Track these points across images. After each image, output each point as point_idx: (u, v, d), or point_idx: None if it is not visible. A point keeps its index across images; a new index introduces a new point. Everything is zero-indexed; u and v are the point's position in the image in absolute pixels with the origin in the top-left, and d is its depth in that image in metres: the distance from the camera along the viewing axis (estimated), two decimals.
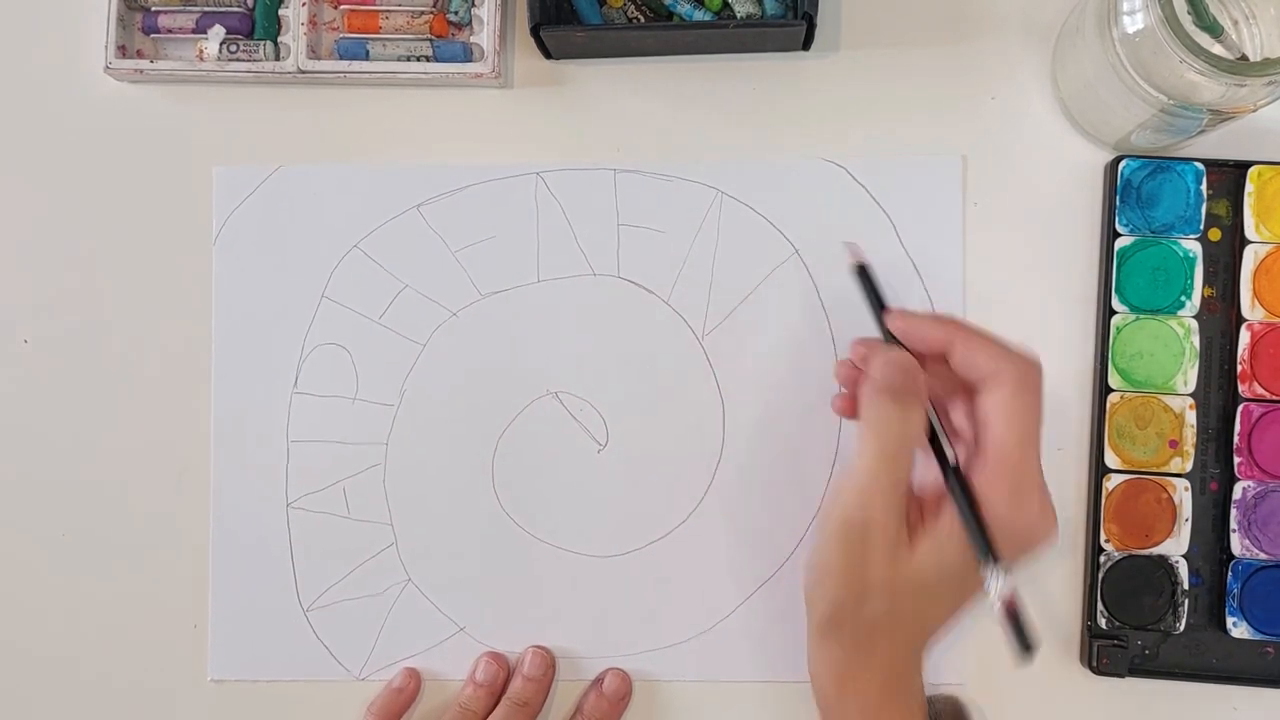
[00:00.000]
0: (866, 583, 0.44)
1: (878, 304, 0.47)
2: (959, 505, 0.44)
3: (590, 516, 0.54)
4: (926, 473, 0.45)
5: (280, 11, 0.56)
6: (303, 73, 0.55)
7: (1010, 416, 0.43)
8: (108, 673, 0.56)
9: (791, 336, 0.54)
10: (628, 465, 0.54)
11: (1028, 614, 0.42)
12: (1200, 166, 0.52)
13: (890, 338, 0.46)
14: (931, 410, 0.46)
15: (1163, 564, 0.52)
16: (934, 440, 0.45)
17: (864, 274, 0.48)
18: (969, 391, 0.45)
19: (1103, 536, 0.52)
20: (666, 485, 0.54)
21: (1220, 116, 0.47)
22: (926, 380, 0.45)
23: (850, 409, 0.47)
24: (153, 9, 0.56)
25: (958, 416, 0.47)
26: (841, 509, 0.44)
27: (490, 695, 0.53)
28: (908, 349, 0.46)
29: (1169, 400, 0.52)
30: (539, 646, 0.54)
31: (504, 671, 0.54)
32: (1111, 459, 0.52)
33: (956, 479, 0.44)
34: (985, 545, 0.43)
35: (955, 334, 0.45)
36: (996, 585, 0.42)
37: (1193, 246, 0.53)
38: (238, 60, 0.55)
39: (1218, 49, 0.45)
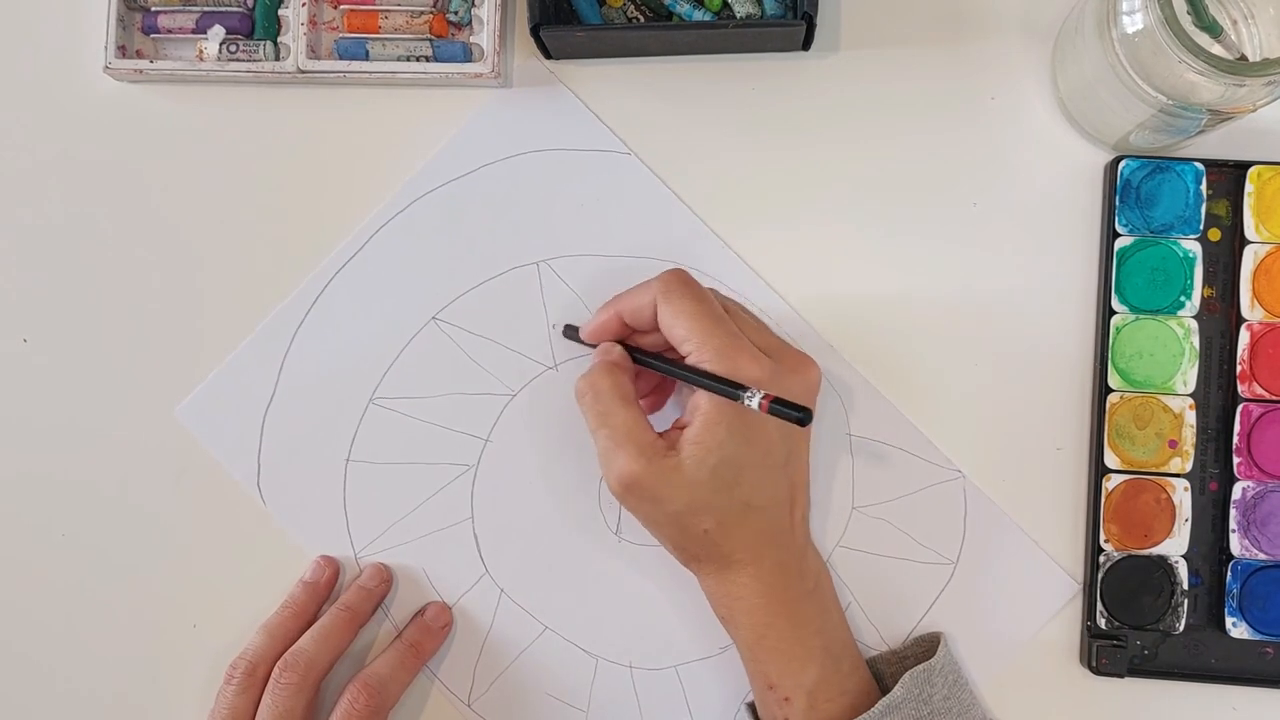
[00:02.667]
0: (672, 514, 0.47)
1: (574, 333, 0.53)
2: (684, 375, 0.47)
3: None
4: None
5: (280, 11, 0.56)
6: (302, 73, 0.55)
7: (675, 315, 0.47)
8: (107, 673, 0.56)
9: None
10: None
11: (784, 399, 0.45)
12: (1200, 166, 0.52)
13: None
14: (628, 345, 0.50)
15: (1162, 564, 0.52)
16: (644, 361, 0.50)
17: (571, 333, 0.53)
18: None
19: (1102, 536, 0.52)
20: None
21: (1220, 116, 0.47)
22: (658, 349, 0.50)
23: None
24: (153, 9, 0.56)
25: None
26: (606, 480, 0.48)
27: (314, 594, 0.54)
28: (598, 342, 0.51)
29: (1169, 400, 0.52)
30: (382, 564, 0.55)
31: (334, 574, 0.54)
32: (1111, 459, 0.52)
33: (668, 363, 0.48)
34: (723, 385, 0.46)
35: (615, 303, 0.50)
36: (752, 399, 0.45)
37: (1192, 246, 0.53)
38: (238, 60, 0.55)
39: (1217, 49, 0.45)
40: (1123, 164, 0.53)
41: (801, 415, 0.44)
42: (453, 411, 0.55)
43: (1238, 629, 0.52)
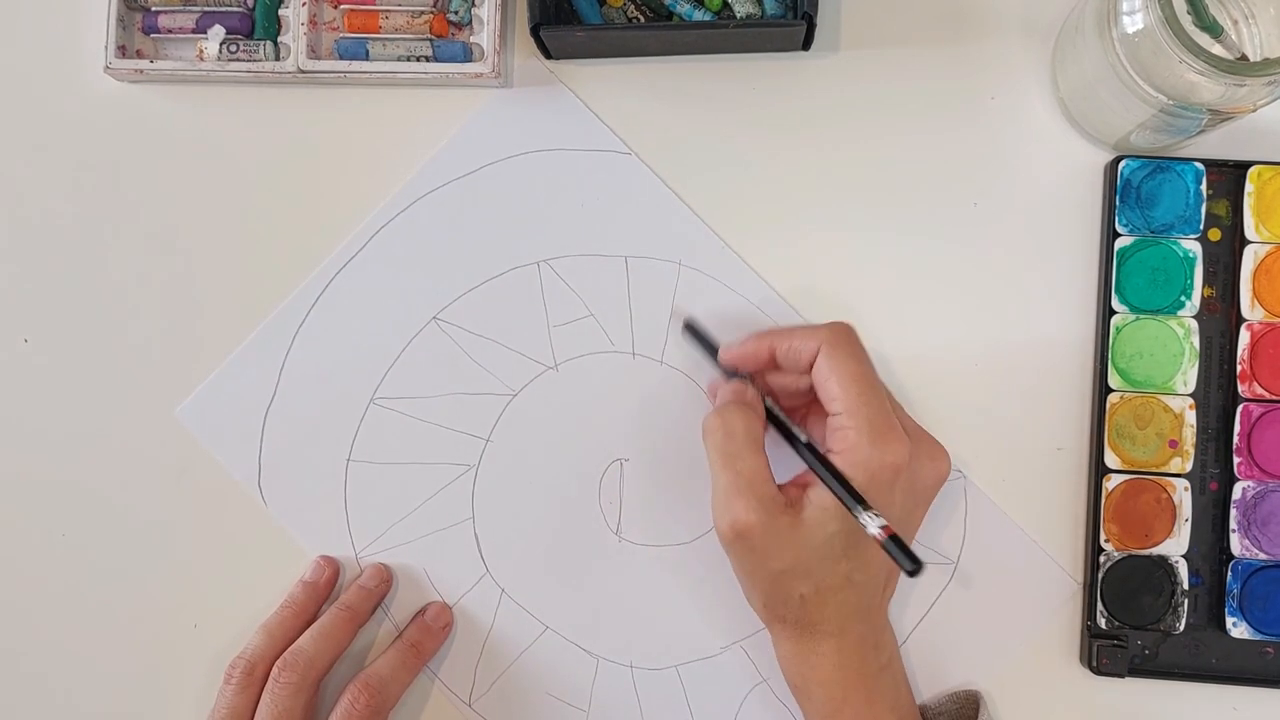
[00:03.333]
0: (774, 572, 0.47)
1: (711, 350, 0.51)
2: (815, 470, 0.46)
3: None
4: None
5: (280, 11, 0.56)
6: (303, 73, 0.55)
7: (835, 371, 0.46)
8: (108, 673, 0.56)
9: None
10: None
11: (904, 541, 0.44)
12: (1200, 166, 0.52)
13: (729, 374, 0.51)
14: (771, 404, 0.49)
15: (1162, 564, 0.52)
16: (782, 428, 0.49)
17: (692, 330, 0.52)
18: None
19: (1103, 536, 0.52)
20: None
21: (1220, 116, 0.47)
22: (772, 390, 0.50)
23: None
24: (153, 9, 0.56)
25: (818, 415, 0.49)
26: (716, 523, 0.47)
27: (313, 594, 0.54)
28: (749, 376, 0.50)
29: (1169, 400, 0.52)
30: (382, 564, 0.55)
31: (334, 574, 0.54)
32: (1111, 459, 0.52)
33: (807, 450, 0.47)
34: (848, 493, 0.45)
35: (770, 338, 0.49)
36: (871, 523, 0.44)
37: (1192, 246, 0.53)
38: (238, 60, 0.55)
39: (1217, 49, 0.45)
40: (1123, 164, 0.53)
41: (914, 567, 0.43)
42: (453, 411, 0.55)
43: (1238, 629, 0.52)
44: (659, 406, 0.55)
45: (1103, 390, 0.53)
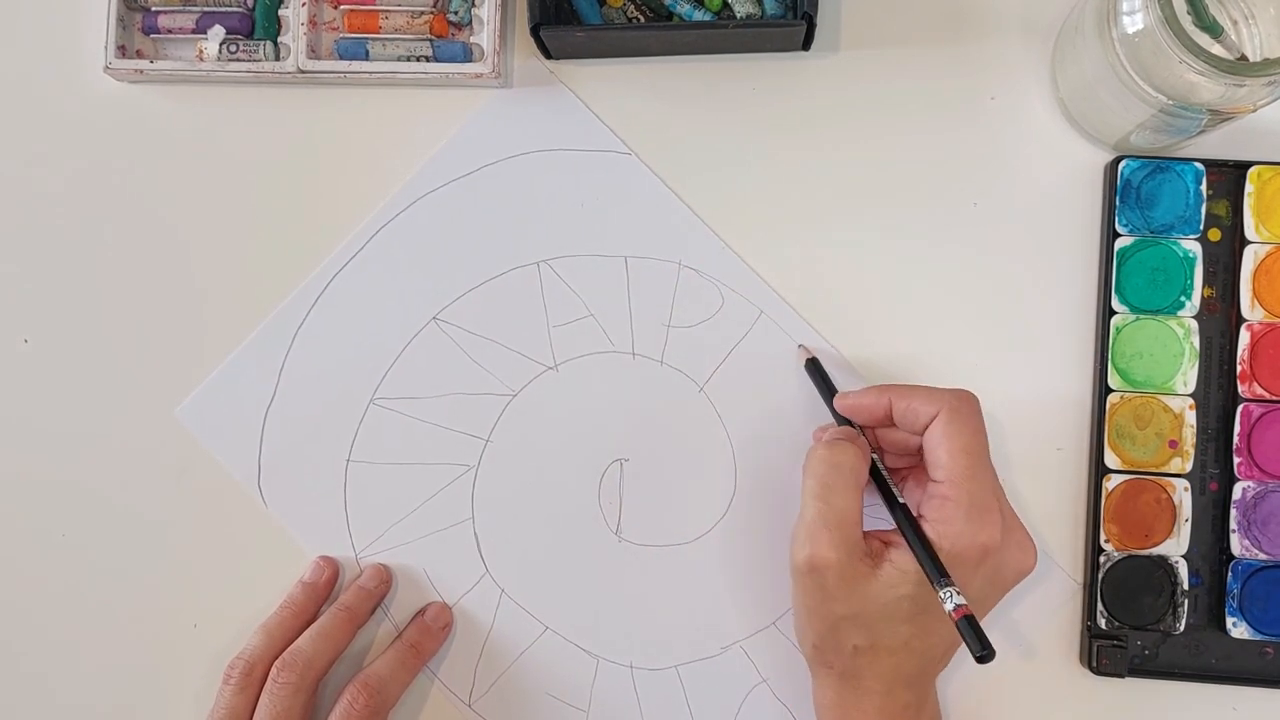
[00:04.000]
0: (835, 616, 0.46)
1: (828, 391, 0.51)
2: (905, 533, 0.46)
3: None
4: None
5: (280, 11, 0.56)
6: (303, 73, 0.55)
7: (948, 439, 0.46)
8: (108, 673, 0.56)
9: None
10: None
11: (979, 626, 0.43)
12: (1200, 166, 0.52)
13: (841, 420, 0.50)
14: (876, 458, 0.48)
15: (1162, 564, 0.52)
16: (882, 484, 0.48)
17: (814, 367, 0.52)
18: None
19: (1103, 536, 0.52)
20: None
21: (1220, 116, 0.47)
22: (879, 446, 0.50)
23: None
24: (153, 9, 0.56)
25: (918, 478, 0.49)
26: (794, 551, 0.47)
27: (313, 595, 0.54)
28: (858, 425, 0.50)
29: (1169, 400, 0.52)
30: (382, 564, 0.55)
31: (333, 575, 0.54)
32: (1111, 459, 0.52)
33: (901, 512, 0.47)
34: (932, 565, 0.45)
35: (890, 393, 0.48)
36: (949, 599, 0.44)
37: (1192, 246, 0.53)
38: (238, 60, 0.55)
39: (1217, 49, 0.45)
40: (1123, 164, 0.53)
41: (984, 654, 0.42)
42: (453, 412, 0.55)
43: (1238, 629, 0.52)
44: (659, 406, 0.55)
45: (1103, 390, 0.53)
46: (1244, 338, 0.52)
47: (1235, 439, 0.52)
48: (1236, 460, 0.52)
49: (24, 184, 0.57)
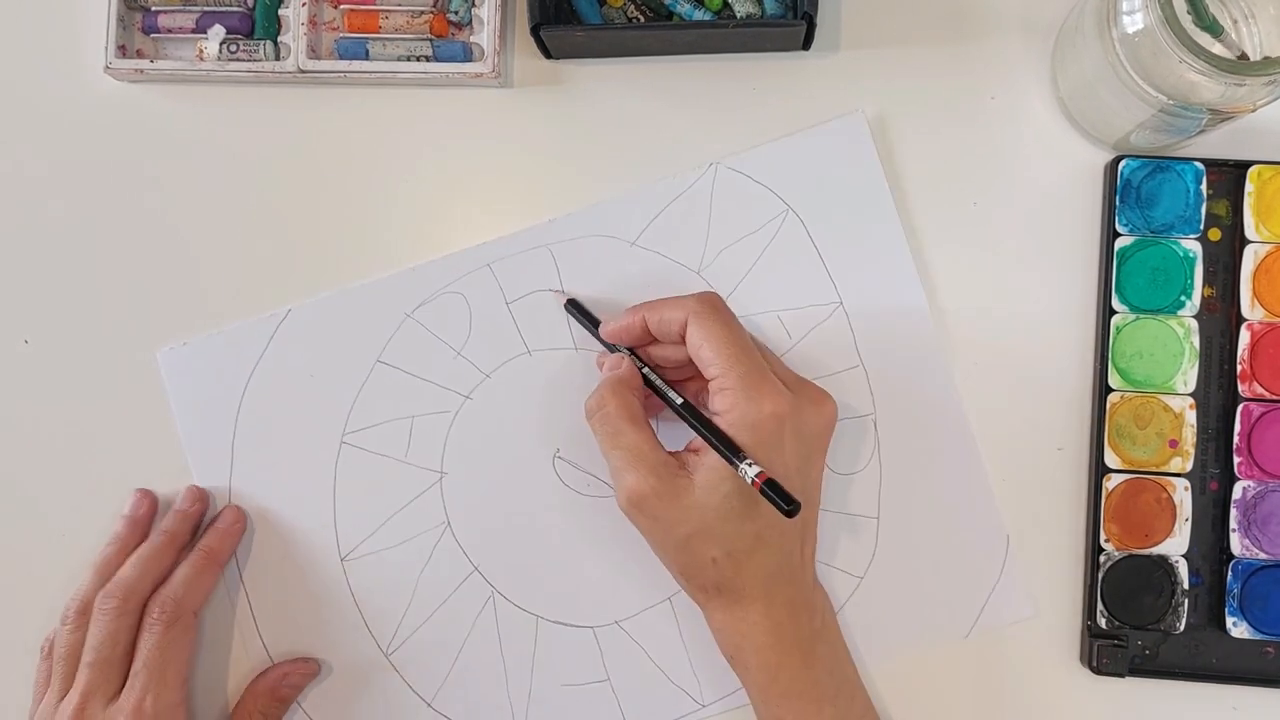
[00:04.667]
0: (680, 537, 0.47)
1: (593, 324, 0.53)
2: (694, 428, 0.48)
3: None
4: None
5: (280, 11, 0.56)
6: (303, 73, 0.55)
7: (705, 336, 0.47)
8: None
9: None
10: None
11: (777, 484, 0.45)
12: (1200, 166, 0.52)
13: (612, 348, 0.52)
14: (649, 372, 0.50)
15: (1163, 564, 0.52)
16: (659, 393, 0.50)
17: (575, 306, 0.54)
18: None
19: (1103, 536, 0.52)
20: None
21: (1220, 116, 0.47)
22: (655, 362, 0.51)
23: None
24: (153, 9, 0.56)
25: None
26: (618, 500, 0.48)
27: (135, 528, 0.54)
28: (630, 350, 0.51)
29: (1169, 400, 0.52)
30: (237, 506, 0.55)
31: (152, 505, 0.55)
32: (1111, 459, 0.52)
33: (684, 409, 0.48)
34: (726, 446, 0.46)
35: (643, 311, 0.50)
36: (747, 471, 0.45)
37: (1193, 246, 0.53)
38: (238, 60, 0.55)
39: (1217, 49, 0.45)
40: (1123, 164, 0.53)
41: (790, 507, 0.44)
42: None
43: (1238, 629, 0.52)
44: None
45: (1103, 390, 0.53)
46: (1244, 337, 0.52)
47: (1235, 438, 0.52)
48: (1236, 460, 0.52)
49: (24, 184, 0.57)
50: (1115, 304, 0.53)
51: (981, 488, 0.54)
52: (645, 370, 0.50)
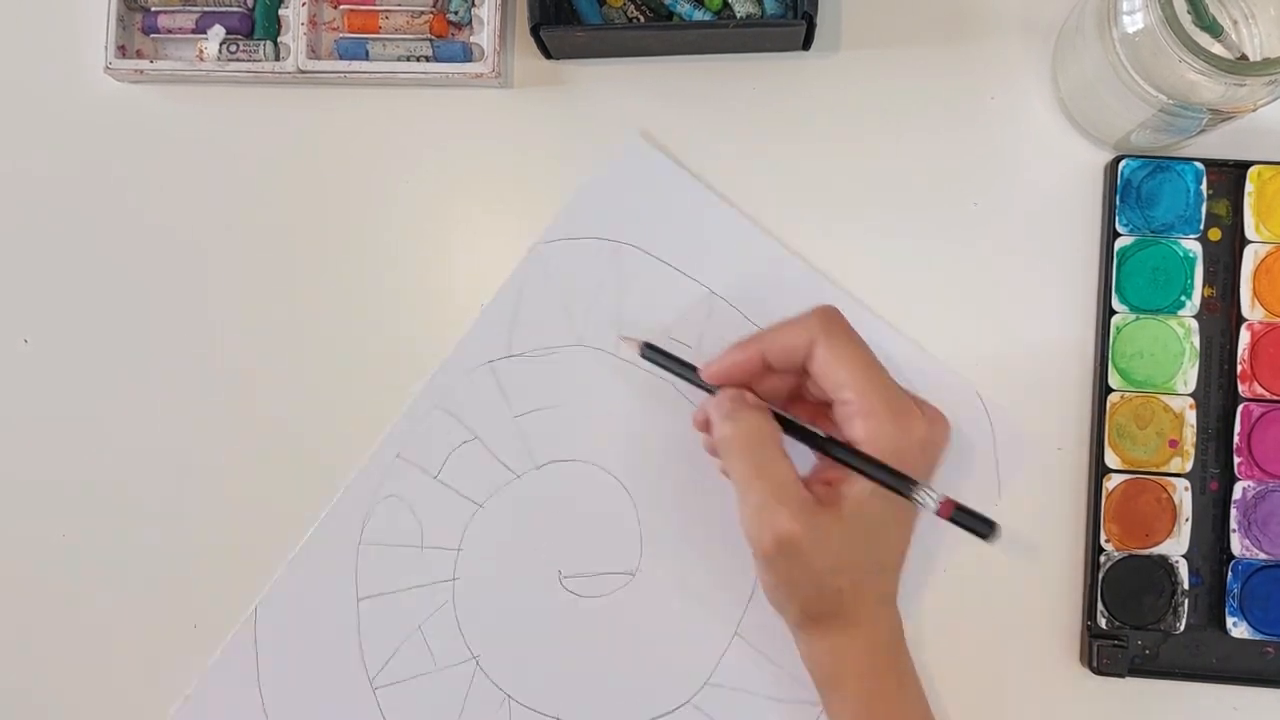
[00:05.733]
0: (818, 573, 0.44)
1: (686, 370, 0.48)
2: (852, 464, 0.44)
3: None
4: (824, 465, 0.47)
5: (280, 11, 0.56)
6: (303, 73, 0.55)
7: (838, 357, 0.45)
8: (107, 673, 0.56)
9: None
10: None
11: (967, 505, 0.43)
12: (1200, 166, 0.52)
13: (714, 390, 0.47)
14: (779, 409, 0.46)
15: (1163, 564, 0.52)
16: (797, 428, 0.46)
17: (654, 352, 0.49)
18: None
19: (1103, 536, 0.52)
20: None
21: (1220, 116, 0.47)
22: (776, 395, 0.47)
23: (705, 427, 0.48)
24: (153, 9, 0.56)
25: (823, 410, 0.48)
26: (755, 539, 0.44)
27: None
28: (733, 386, 0.47)
29: (1169, 400, 0.52)
30: None
31: None
32: (1111, 459, 0.52)
33: (834, 445, 0.45)
34: (896, 478, 0.44)
35: (759, 342, 0.46)
36: (930, 501, 0.43)
37: (1193, 246, 0.53)
38: (238, 60, 0.55)
39: (1218, 49, 0.45)
40: (1123, 164, 0.53)
41: (990, 530, 0.42)
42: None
43: (1238, 629, 0.51)
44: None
45: (1103, 390, 0.53)
46: (1244, 337, 0.52)
47: (1235, 438, 0.52)
48: (1237, 460, 0.52)
49: (24, 184, 0.57)
50: (1115, 304, 0.53)
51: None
52: (773, 406, 0.46)
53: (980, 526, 0.42)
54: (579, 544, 0.54)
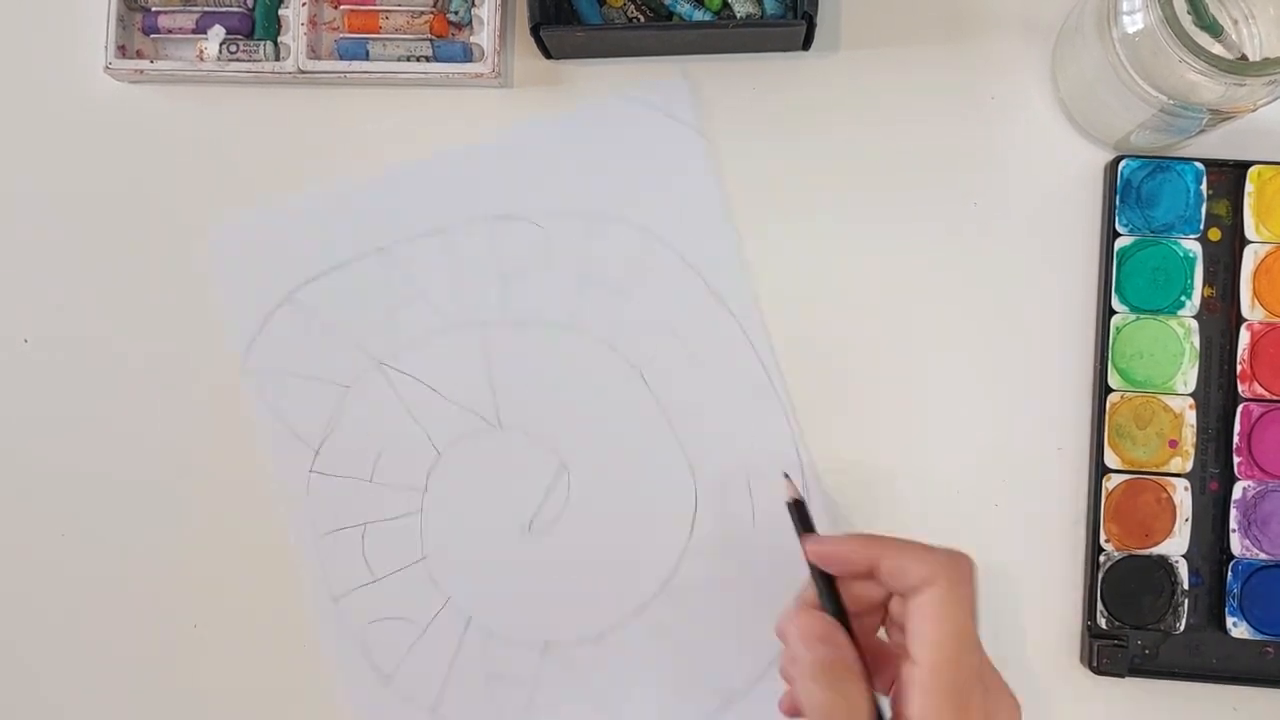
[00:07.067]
0: None
1: (804, 529, 0.45)
2: None
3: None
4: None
5: (280, 11, 0.56)
6: (303, 73, 0.55)
7: (939, 617, 0.40)
8: (108, 673, 0.56)
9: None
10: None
11: None
12: (1200, 166, 0.52)
13: (813, 568, 0.43)
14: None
15: (1163, 564, 0.52)
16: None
17: (798, 509, 0.46)
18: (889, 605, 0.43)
19: (1103, 536, 0.52)
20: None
21: (1220, 116, 0.47)
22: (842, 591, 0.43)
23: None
24: (153, 9, 0.56)
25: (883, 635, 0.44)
26: None
27: None
28: (831, 573, 0.43)
29: (1169, 400, 0.52)
30: None
31: None
32: (1111, 459, 0.52)
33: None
34: None
35: (879, 547, 0.42)
36: None
37: (1193, 246, 0.53)
38: (238, 60, 0.55)
39: (1218, 49, 0.45)
40: (1123, 164, 0.53)
41: None
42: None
43: (1238, 629, 0.51)
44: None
45: (1103, 390, 0.53)
46: (1244, 337, 0.52)
47: (1235, 438, 0.52)
48: (1236, 460, 0.52)
49: (24, 184, 0.57)
50: (1115, 304, 0.53)
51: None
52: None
53: None
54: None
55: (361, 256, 0.55)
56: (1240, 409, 0.52)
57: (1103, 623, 0.52)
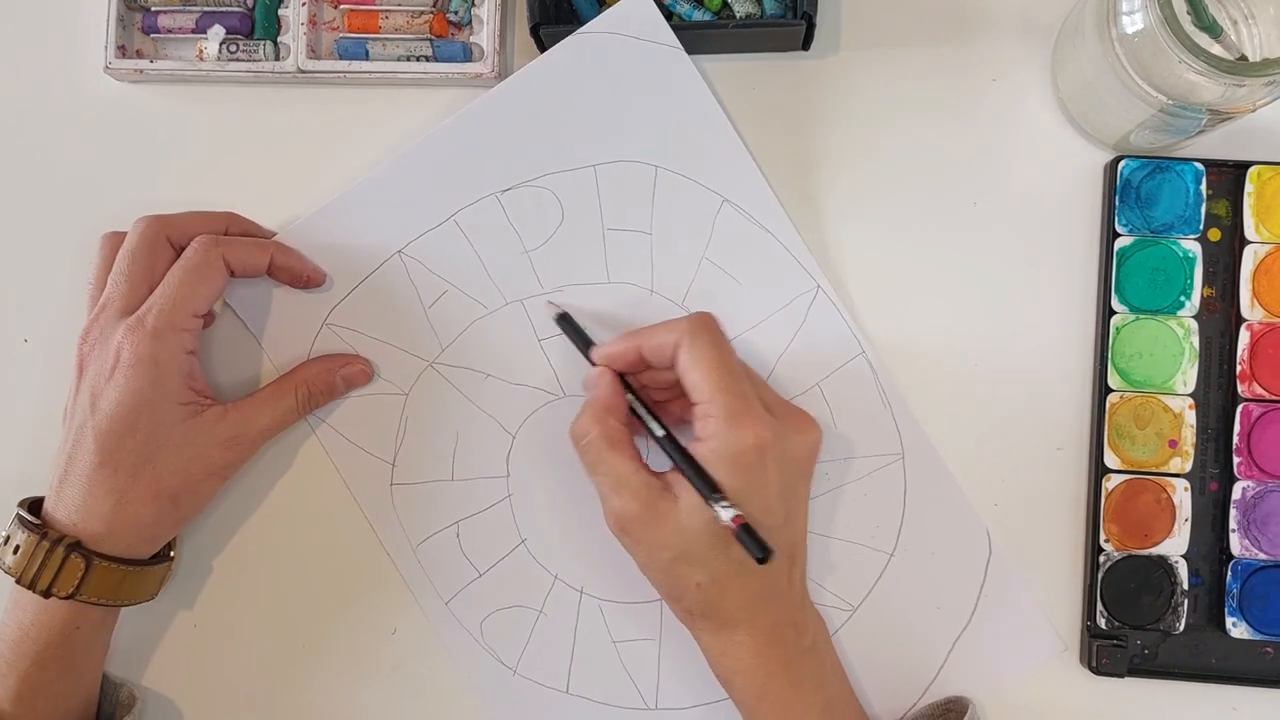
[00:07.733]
0: (665, 560, 0.47)
1: (584, 344, 0.52)
2: (671, 457, 0.47)
3: None
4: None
5: (280, 11, 0.56)
6: (303, 73, 0.55)
7: (695, 361, 0.47)
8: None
9: None
10: None
11: (754, 530, 0.45)
12: (1200, 166, 0.53)
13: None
14: (633, 399, 0.49)
15: (1162, 564, 0.52)
16: (642, 423, 0.49)
17: (566, 322, 0.52)
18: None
19: (1102, 536, 0.52)
20: None
21: (1220, 116, 0.47)
22: (644, 387, 0.51)
23: None
24: (153, 9, 0.56)
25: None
26: (607, 524, 0.48)
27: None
28: (618, 370, 0.50)
29: (1168, 400, 0.52)
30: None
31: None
32: (1111, 459, 0.52)
33: (666, 442, 0.48)
34: (700, 482, 0.46)
35: (637, 338, 0.49)
36: (722, 512, 0.45)
37: (1192, 246, 0.53)
38: (238, 60, 0.55)
39: (1217, 49, 0.45)
40: (1123, 164, 0.53)
41: (762, 554, 0.45)
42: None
43: (1238, 629, 0.52)
44: None
45: (1103, 390, 0.53)
46: (1244, 337, 0.52)
47: (1235, 439, 0.52)
48: (1236, 460, 0.52)
49: (24, 184, 0.57)
50: (1115, 304, 0.53)
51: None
52: (629, 398, 0.50)
53: (755, 550, 0.45)
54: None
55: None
56: (1240, 409, 0.52)
57: (1102, 623, 0.52)
